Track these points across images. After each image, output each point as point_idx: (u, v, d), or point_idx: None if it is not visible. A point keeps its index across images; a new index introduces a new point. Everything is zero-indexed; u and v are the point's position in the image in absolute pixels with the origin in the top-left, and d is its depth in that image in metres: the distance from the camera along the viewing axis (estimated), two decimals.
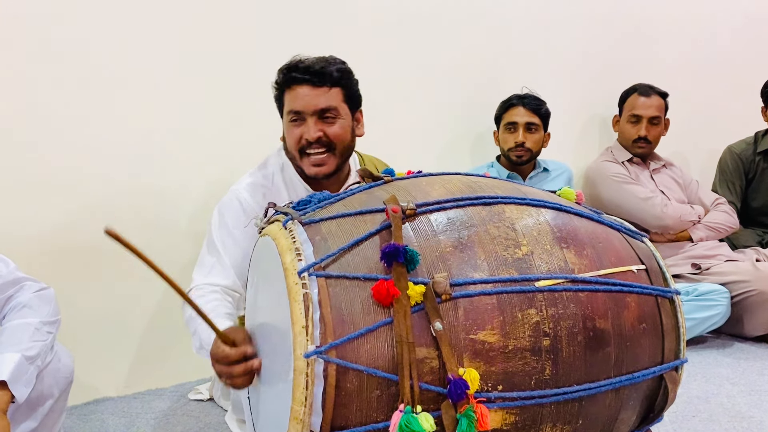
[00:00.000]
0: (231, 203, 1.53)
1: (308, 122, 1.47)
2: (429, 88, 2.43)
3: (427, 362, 0.90)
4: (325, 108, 1.47)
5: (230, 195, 1.55)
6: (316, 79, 1.46)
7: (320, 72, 1.46)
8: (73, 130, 1.79)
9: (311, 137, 1.46)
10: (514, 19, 2.61)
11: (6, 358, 1.14)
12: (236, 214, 1.51)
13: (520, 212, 1.07)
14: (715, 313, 2.19)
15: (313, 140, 1.47)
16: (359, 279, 0.92)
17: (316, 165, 1.49)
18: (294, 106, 1.48)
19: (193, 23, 1.94)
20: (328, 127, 1.48)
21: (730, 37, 3.16)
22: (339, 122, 1.49)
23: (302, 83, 1.46)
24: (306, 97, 1.46)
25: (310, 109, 1.46)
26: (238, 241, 1.48)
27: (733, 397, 1.80)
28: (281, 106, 1.54)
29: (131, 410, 1.79)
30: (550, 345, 0.95)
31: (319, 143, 1.48)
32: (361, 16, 2.25)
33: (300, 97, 1.47)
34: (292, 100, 1.48)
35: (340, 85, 1.49)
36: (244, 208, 1.51)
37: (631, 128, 2.58)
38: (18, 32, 1.70)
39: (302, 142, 1.48)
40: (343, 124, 1.50)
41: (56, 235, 1.78)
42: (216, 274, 1.46)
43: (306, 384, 0.85)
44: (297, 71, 1.47)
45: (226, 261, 1.47)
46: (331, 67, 1.48)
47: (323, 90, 1.46)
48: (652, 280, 1.10)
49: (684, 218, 2.48)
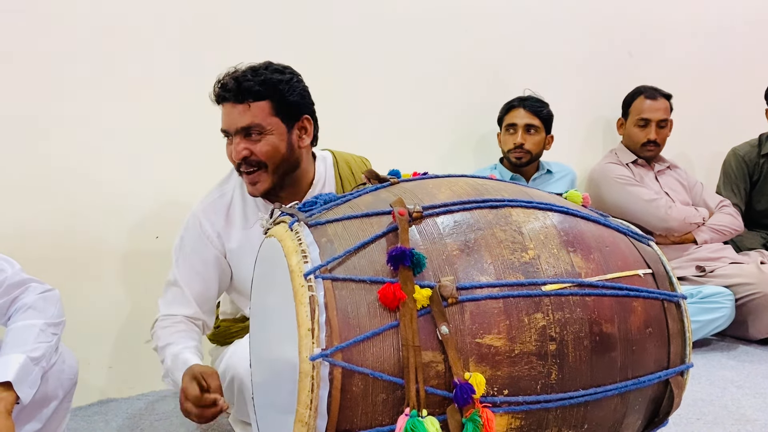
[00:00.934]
0: (191, 227, 1.52)
1: (234, 141, 1.40)
2: (433, 89, 2.43)
3: (433, 366, 0.89)
4: (247, 126, 1.38)
5: (191, 217, 1.53)
6: (233, 96, 1.37)
7: (237, 88, 1.37)
8: (74, 130, 1.80)
9: (237, 157, 1.40)
10: (519, 22, 2.60)
11: (11, 359, 1.14)
12: (195, 238, 1.51)
13: (527, 215, 1.06)
14: (719, 315, 2.18)
15: (239, 160, 1.40)
16: (365, 282, 0.92)
17: (251, 183, 1.43)
18: (222, 125, 1.43)
19: (194, 23, 1.94)
20: (254, 145, 1.39)
21: (735, 39, 3.15)
22: (266, 139, 1.39)
23: (224, 101, 1.40)
24: (228, 116, 1.40)
25: (232, 127, 1.39)
26: (197, 268, 1.49)
27: (738, 400, 1.79)
28: None
29: (135, 411, 1.79)
30: (557, 349, 0.95)
31: (247, 163, 1.40)
32: (364, 17, 2.25)
33: (224, 115, 1.41)
34: (222, 118, 1.43)
35: (267, 97, 1.38)
36: (202, 231, 1.51)
37: (640, 132, 2.57)
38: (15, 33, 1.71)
39: (234, 162, 1.43)
40: (272, 140, 1.40)
41: (61, 235, 1.78)
42: (178, 305, 1.48)
43: (311, 387, 0.85)
44: (219, 88, 1.40)
45: (186, 292, 1.48)
46: (252, 81, 1.37)
47: (244, 107, 1.38)
48: (659, 284, 1.09)
49: (688, 220, 2.47)
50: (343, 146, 1.71)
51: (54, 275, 1.51)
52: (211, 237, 1.50)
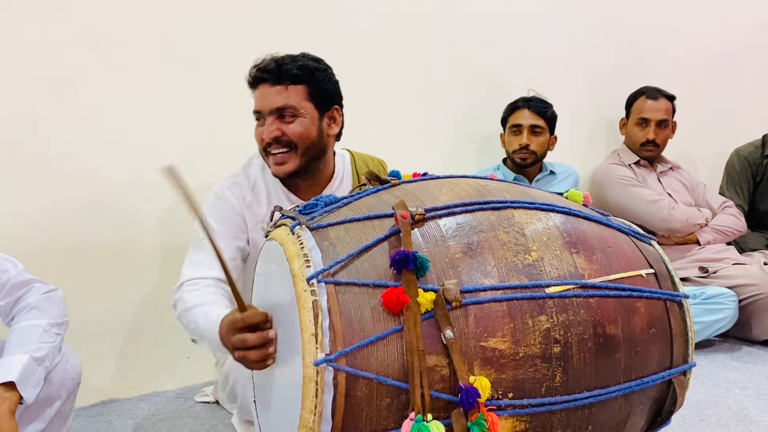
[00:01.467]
0: (214, 203, 1.52)
1: (267, 121, 1.45)
2: (436, 90, 2.43)
3: (438, 370, 0.89)
4: (282, 106, 1.44)
5: (212, 195, 1.54)
6: (272, 77, 1.44)
7: (277, 70, 1.43)
8: (76, 128, 1.79)
9: (268, 137, 1.44)
10: (520, 22, 2.60)
11: (14, 360, 1.14)
12: (218, 212, 1.50)
13: (530, 217, 1.06)
14: (722, 316, 2.18)
15: (270, 140, 1.44)
16: (368, 286, 0.92)
17: (278, 164, 1.47)
18: (255, 106, 1.47)
19: (195, 23, 1.94)
20: (286, 126, 1.44)
21: (738, 39, 3.14)
22: (299, 121, 1.45)
23: (262, 82, 1.45)
24: (264, 97, 1.45)
25: (267, 108, 1.45)
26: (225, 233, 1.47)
27: (741, 401, 1.79)
28: None
29: (138, 412, 1.79)
30: (561, 352, 0.95)
31: (279, 142, 1.45)
32: (367, 17, 2.24)
33: (260, 97, 1.47)
34: (256, 99, 1.48)
35: (303, 82, 1.45)
36: (225, 206, 1.50)
37: (639, 131, 2.57)
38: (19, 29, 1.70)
39: (263, 143, 1.47)
40: (305, 123, 1.45)
41: (64, 236, 1.78)
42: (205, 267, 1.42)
43: (315, 392, 0.85)
44: (258, 70, 1.46)
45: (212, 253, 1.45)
46: (292, 65, 1.44)
47: (281, 88, 1.44)
48: (661, 284, 1.09)
49: (691, 221, 2.47)
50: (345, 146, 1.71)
51: (59, 275, 1.52)
52: (237, 208, 1.50)
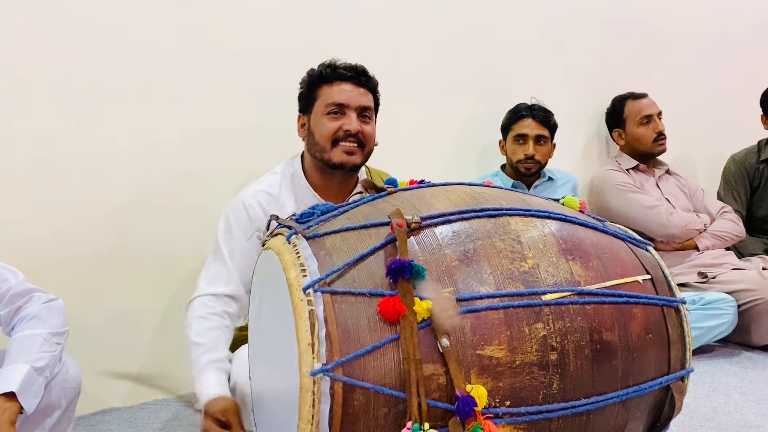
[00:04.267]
0: (237, 209, 1.56)
1: (350, 116, 1.54)
2: (434, 97, 2.43)
3: (435, 379, 0.89)
4: (366, 107, 1.57)
5: (237, 201, 1.57)
6: (360, 78, 1.57)
7: (362, 74, 1.58)
8: (83, 135, 1.80)
9: (353, 129, 1.53)
10: (520, 29, 2.61)
11: (15, 370, 1.14)
12: (242, 219, 1.54)
13: (525, 224, 1.06)
14: (721, 322, 2.17)
15: (353, 132, 1.53)
16: (365, 295, 0.92)
17: (348, 153, 1.54)
18: (336, 99, 1.54)
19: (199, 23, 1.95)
20: (365, 125, 1.56)
21: (736, 43, 3.15)
22: (371, 124, 1.59)
23: (347, 80, 1.56)
24: (351, 93, 1.55)
25: (354, 103, 1.55)
26: (243, 247, 1.51)
27: (741, 406, 1.79)
28: (312, 101, 1.57)
29: (138, 420, 1.79)
30: (558, 359, 0.95)
31: (354, 137, 1.54)
32: (367, 24, 2.25)
33: (345, 92, 1.55)
34: (336, 93, 1.55)
35: (374, 93, 1.62)
36: (249, 215, 1.54)
37: (646, 130, 2.57)
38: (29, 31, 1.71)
39: (339, 132, 1.53)
40: (374, 127, 1.61)
41: (63, 245, 1.78)
42: (219, 283, 1.50)
43: (312, 402, 0.85)
44: (343, 68, 1.57)
45: (230, 267, 1.50)
46: (369, 75, 1.60)
47: (365, 91, 1.58)
48: (658, 289, 1.10)
49: (690, 227, 2.47)
50: None
51: (58, 284, 1.52)
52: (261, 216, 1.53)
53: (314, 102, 1.57)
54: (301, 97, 1.62)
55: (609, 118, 2.70)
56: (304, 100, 1.61)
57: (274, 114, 1.95)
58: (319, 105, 1.56)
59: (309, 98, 1.59)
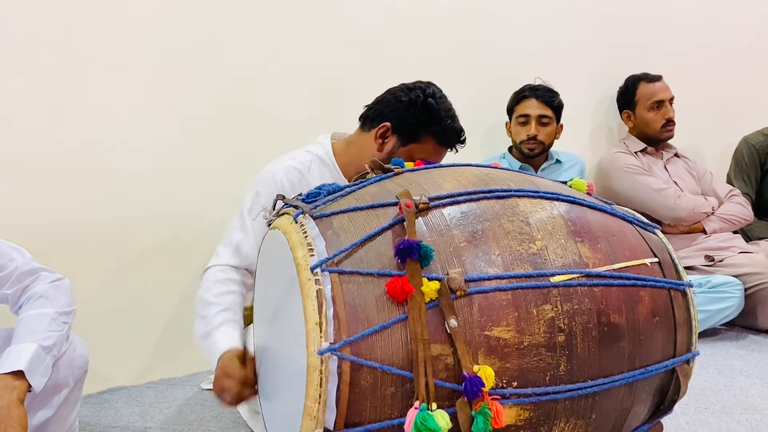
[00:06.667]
0: (267, 181, 1.52)
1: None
2: (440, 80, 2.39)
3: (442, 359, 0.89)
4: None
5: (267, 174, 1.53)
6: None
7: None
8: (90, 120, 1.80)
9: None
10: (526, 10, 2.57)
11: (23, 348, 1.14)
12: (271, 191, 1.49)
13: (534, 206, 1.05)
14: (728, 305, 2.17)
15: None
16: (373, 275, 0.91)
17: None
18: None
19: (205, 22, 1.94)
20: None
21: (746, 28, 3.10)
22: None
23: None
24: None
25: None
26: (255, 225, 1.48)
27: (747, 389, 1.79)
28: None
29: (145, 399, 1.81)
30: (565, 341, 0.95)
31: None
32: (372, 9, 2.23)
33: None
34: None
35: None
36: (278, 188, 1.50)
37: (656, 115, 2.55)
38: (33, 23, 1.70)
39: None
40: None
41: (71, 225, 1.79)
42: (239, 254, 1.46)
43: (320, 381, 0.85)
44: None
45: (252, 239, 1.47)
46: None
47: None
48: (665, 272, 1.09)
49: (697, 210, 2.45)
50: None
51: (65, 264, 1.52)
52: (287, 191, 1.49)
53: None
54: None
55: (620, 98, 2.67)
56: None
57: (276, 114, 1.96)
58: None
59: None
